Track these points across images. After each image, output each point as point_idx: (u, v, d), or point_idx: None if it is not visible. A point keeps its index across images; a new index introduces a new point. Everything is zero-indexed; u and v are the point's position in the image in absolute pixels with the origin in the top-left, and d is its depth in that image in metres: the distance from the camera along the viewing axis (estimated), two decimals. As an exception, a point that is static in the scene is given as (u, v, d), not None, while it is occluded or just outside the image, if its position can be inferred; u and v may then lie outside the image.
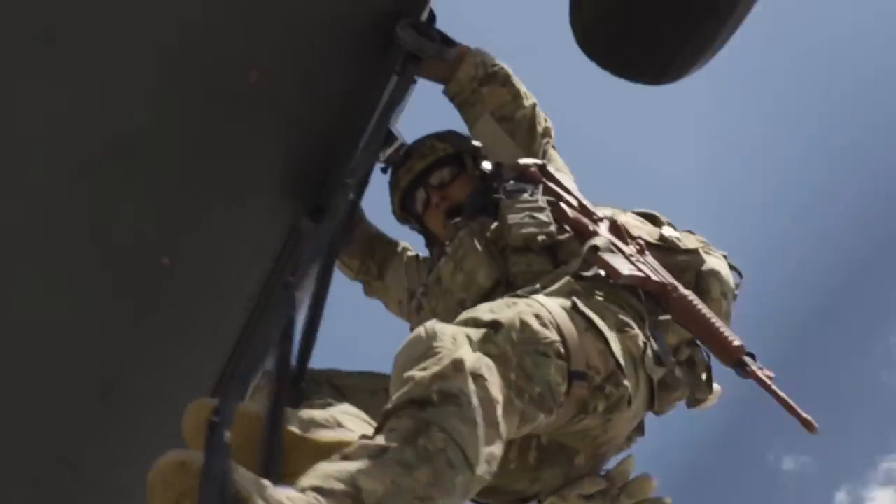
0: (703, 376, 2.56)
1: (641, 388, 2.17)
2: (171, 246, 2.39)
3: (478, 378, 1.73)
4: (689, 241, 2.73)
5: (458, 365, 1.72)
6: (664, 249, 2.63)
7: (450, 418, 1.66)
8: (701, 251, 2.70)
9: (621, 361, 2.07)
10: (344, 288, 2.97)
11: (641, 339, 2.21)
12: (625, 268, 2.30)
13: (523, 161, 2.58)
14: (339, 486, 1.50)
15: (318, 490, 1.49)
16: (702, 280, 2.64)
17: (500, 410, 1.76)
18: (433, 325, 1.83)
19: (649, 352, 2.22)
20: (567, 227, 2.42)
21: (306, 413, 1.96)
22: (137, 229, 2.38)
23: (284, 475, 1.66)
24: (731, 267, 2.82)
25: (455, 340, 1.78)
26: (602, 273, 2.29)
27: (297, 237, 2.54)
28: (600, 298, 2.23)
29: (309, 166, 2.57)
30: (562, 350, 1.94)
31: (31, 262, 2.36)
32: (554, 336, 1.95)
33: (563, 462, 2.15)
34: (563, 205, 2.47)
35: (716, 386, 2.71)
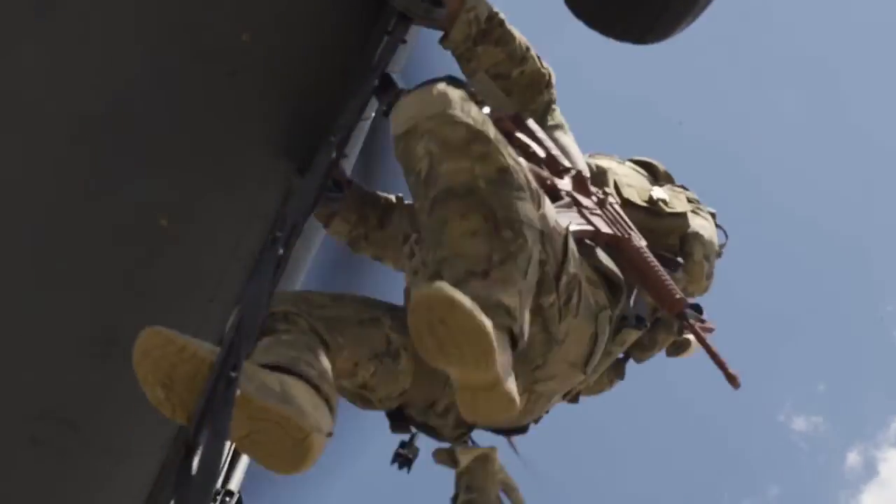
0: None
1: (583, 339, 2.27)
2: (168, 206, 2.41)
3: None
4: (678, 203, 2.79)
5: (479, 135, 2.02)
6: (650, 212, 2.69)
7: (511, 201, 1.97)
8: (688, 214, 2.76)
9: (564, 278, 2.18)
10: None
11: (605, 301, 2.33)
12: (572, 226, 2.33)
13: (495, 115, 2.59)
14: (496, 308, 1.83)
15: (489, 307, 1.80)
16: (686, 243, 2.72)
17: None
18: (444, 89, 2.07)
19: (607, 314, 2.33)
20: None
21: (257, 374, 1.88)
22: (135, 189, 2.39)
23: None
24: (717, 226, 2.89)
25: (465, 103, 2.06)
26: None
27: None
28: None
29: (301, 127, 2.59)
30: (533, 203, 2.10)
31: (29, 223, 2.38)
32: (535, 188, 2.13)
33: None
34: (521, 160, 2.47)
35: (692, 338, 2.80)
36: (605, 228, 2.43)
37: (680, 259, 2.65)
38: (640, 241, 2.50)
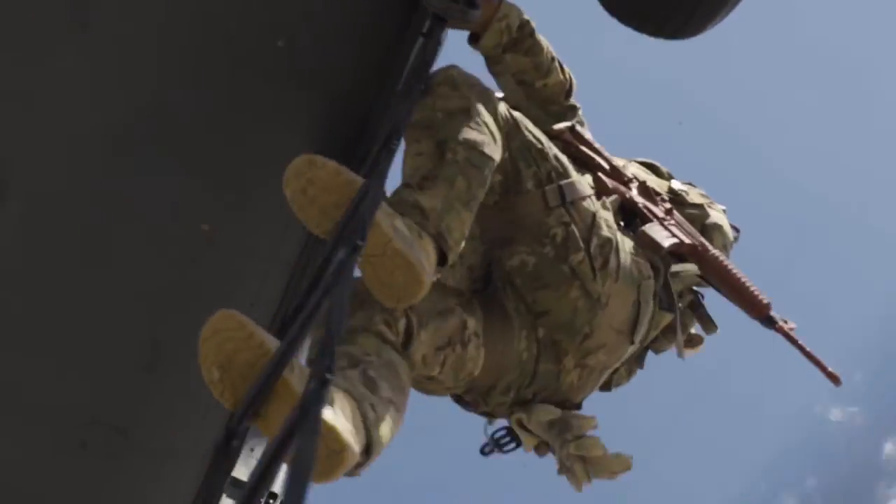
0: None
1: (627, 303, 2.37)
2: (208, 211, 2.44)
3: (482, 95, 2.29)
4: (694, 196, 2.88)
5: (449, 80, 2.29)
6: (674, 202, 2.76)
7: (460, 129, 2.15)
8: (705, 206, 2.84)
9: (594, 240, 2.32)
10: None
11: (649, 272, 2.43)
12: (665, 240, 2.50)
13: (556, 127, 2.64)
14: (411, 208, 2.00)
15: (395, 208, 1.99)
16: (706, 232, 2.82)
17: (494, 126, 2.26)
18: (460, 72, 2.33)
19: (650, 283, 2.42)
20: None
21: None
22: (175, 196, 2.42)
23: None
24: (732, 226, 2.97)
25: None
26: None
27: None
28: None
29: (338, 130, 2.61)
30: (554, 175, 2.34)
31: (71, 233, 2.41)
32: (556, 165, 2.36)
33: (554, 359, 2.36)
34: (601, 175, 2.60)
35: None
36: (686, 239, 2.56)
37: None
38: (714, 249, 2.61)
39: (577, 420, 2.38)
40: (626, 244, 2.42)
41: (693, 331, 2.83)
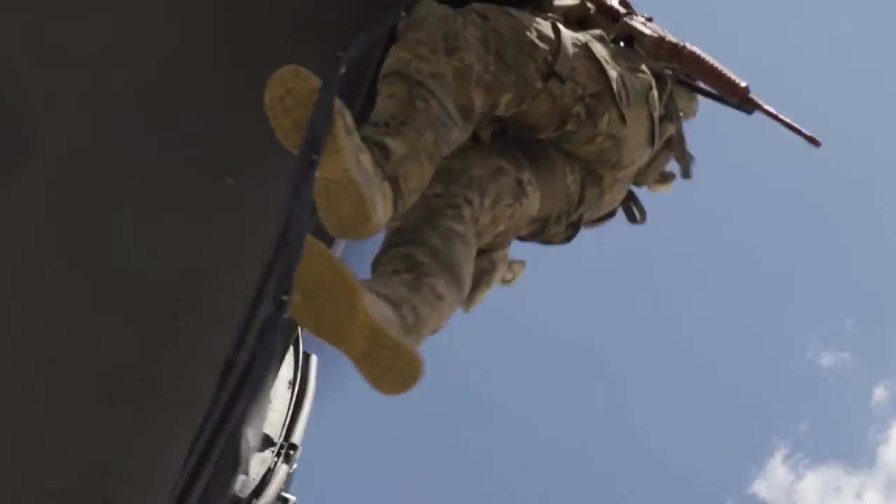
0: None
1: (642, 120, 2.48)
2: (233, 164, 2.45)
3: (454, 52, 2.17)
4: None
5: (430, 41, 2.18)
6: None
7: (435, 88, 2.12)
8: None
9: (614, 86, 2.38)
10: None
11: (649, 81, 2.52)
12: (646, 30, 2.63)
13: None
14: (377, 147, 1.96)
15: (366, 140, 1.93)
16: None
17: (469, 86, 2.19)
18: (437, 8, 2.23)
19: (654, 94, 2.53)
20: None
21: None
22: (199, 150, 2.44)
23: None
24: None
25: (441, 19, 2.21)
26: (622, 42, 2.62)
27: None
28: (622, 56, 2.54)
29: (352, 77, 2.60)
30: (549, 58, 2.31)
31: (94, 189, 2.44)
32: (544, 47, 2.32)
33: (596, 182, 2.51)
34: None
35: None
36: (669, 37, 2.66)
37: None
38: (692, 47, 2.68)
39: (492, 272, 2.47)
40: (621, 63, 2.50)
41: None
